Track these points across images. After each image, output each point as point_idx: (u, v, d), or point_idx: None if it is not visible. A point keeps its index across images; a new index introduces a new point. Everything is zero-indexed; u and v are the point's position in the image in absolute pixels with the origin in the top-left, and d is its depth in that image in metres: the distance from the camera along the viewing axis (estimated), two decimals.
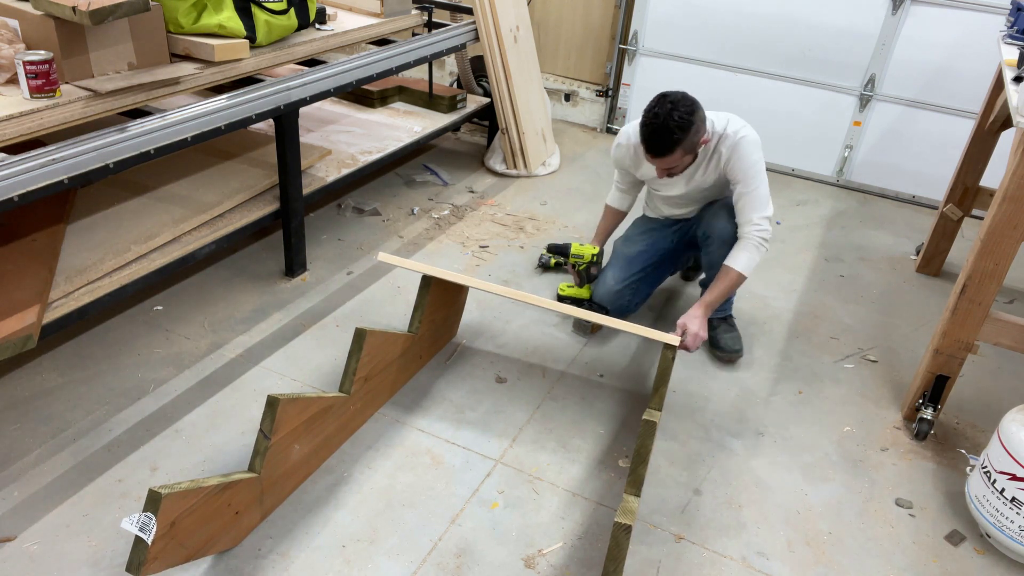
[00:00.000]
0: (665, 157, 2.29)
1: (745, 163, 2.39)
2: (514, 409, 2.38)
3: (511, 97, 3.80)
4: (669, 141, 2.24)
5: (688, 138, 2.25)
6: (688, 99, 2.26)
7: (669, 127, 2.22)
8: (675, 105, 2.22)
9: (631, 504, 1.69)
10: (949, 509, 2.15)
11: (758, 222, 2.40)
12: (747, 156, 2.39)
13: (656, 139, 2.25)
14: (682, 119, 2.22)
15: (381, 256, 2.36)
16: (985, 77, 3.48)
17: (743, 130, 2.41)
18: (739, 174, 2.41)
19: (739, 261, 2.41)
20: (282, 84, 2.57)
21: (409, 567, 1.85)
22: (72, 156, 1.96)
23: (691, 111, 2.24)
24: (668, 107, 2.21)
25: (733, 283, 2.42)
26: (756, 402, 2.51)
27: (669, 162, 2.32)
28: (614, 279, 2.70)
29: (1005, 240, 2.10)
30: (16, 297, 2.07)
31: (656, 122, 2.23)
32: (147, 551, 1.52)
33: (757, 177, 2.40)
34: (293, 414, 1.85)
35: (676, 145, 2.25)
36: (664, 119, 2.21)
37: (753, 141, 2.41)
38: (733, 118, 2.44)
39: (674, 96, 2.24)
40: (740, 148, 2.39)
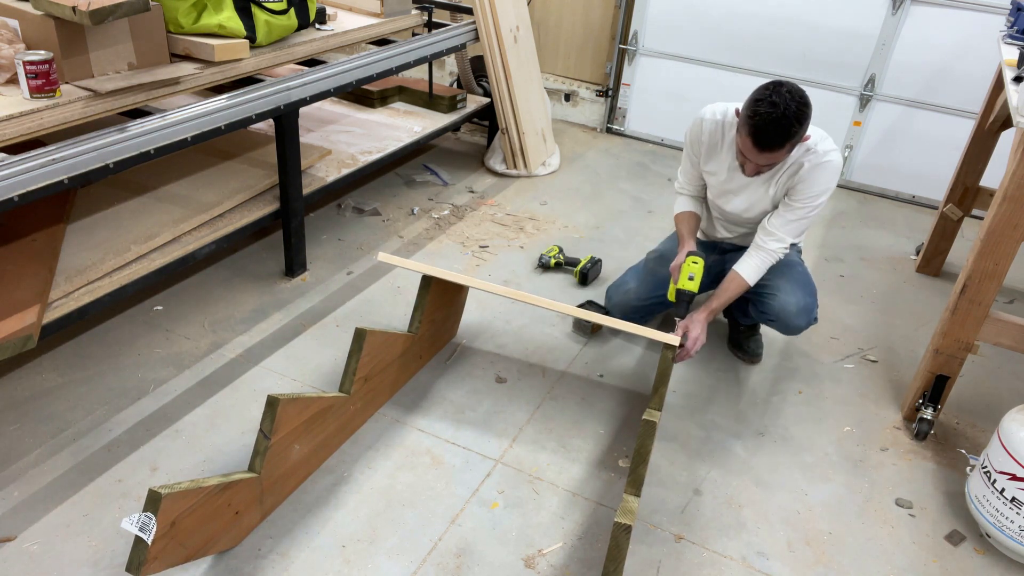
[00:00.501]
0: (774, 152, 2.06)
1: (817, 187, 2.23)
2: (514, 409, 2.38)
3: (511, 97, 3.80)
4: (787, 134, 2.02)
5: (803, 132, 2.06)
6: (800, 88, 2.03)
7: (789, 118, 1.98)
8: (793, 95, 2.00)
9: (631, 504, 1.69)
10: (949, 509, 2.15)
11: (785, 244, 2.30)
12: (822, 181, 2.22)
13: (774, 130, 2.00)
14: (800, 111, 2.00)
15: (381, 256, 2.35)
16: (985, 77, 3.48)
17: (833, 154, 2.22)
18: (803, 194, 2.24)
19: (749, 269, 2.32)
20: (282, 84, 2.57)
21: (409, 567, 1.85)
22: (72, 156, 1.96)
23: (807, 102, 2.03)
24: (787, 96, 1.98)
25: (740, 290, 2.34)
26: (756, 402, 2.51)
27: (775, 158, 2.09)
28: (636, 295, 2.58)
29: (1005, 240, 2.10)
30: (16, 297, 2.07)
31: (775, 112, 1.98)
32: (147, 551, 1.52)
33: (817, 207, 2.26)
34: (293, 414, 1.85)
35: (793, 138, 2.04)
36: (784, 109, 1.97)
37: (837, 168, 2.23)
38: (826, 136, 2.25)
39: (790, 85, 2.02)
40: (821, 170, 2.20)
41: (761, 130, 2.02)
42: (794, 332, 2.47)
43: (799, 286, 2.40)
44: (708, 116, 2.34)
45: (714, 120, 2.33)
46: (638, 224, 3.62)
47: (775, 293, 2.39)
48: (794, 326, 2.42)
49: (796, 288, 2.39)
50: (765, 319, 2.48)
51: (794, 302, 2.38)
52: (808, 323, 2.44)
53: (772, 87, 2.02)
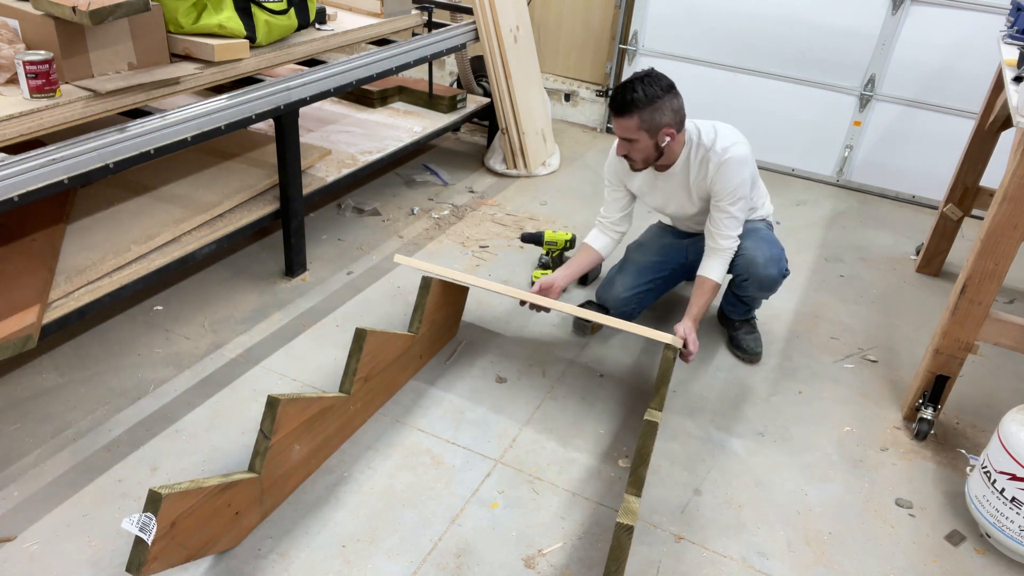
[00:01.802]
0: (622, 118, 2.26)
1: (731, 183, 2.36)
2: (514, 409, 2.38)
3: (511, 97, 3.80)
4: (628, 100, 2.22)
5: (648, 111, 2.23)
6: (666, 81, 2.26)
7: (633, 86, 2.22)
8: (651, 77, 2.24)
9: (632, 505, 1.69)
10: (949, 509, 2.15)
11: (733, 238, 2.43)
12: (733, 177, 2.36)
13: (619, 94, 2.25)
14: (648, 90, 2.21)
15: (398, 258, 2.37)
16: (985, 77, 3.48)
17: (733, 148, 2.35)
18: (723, 192, 2.38)
19: (716, 272, 2.44)
20: (282, 84, 2.57)
21: (409, 567, 1.85)
22: (72, 156, 1.96)
23: (662, 89, 2.24)
24: (643, 75, 2.25)
25: (713, 293, 2.45)
26: (756, 402, 2.51)
27: (626, 129, 2.27)
28: (623, 286, 2.67)
29: (1005, 240, 2.10)
30: (16, 297, 2.07)
31: (625, 81, 2.26)
32: (147, 551, 1.52)
33: (741, 200, 2.39)
34: (293, 414, 1.85)
35: (634, 107, 2.22)
36: (632, 80, 2.23)
37: (741, 159, 2.35)
38: (724, 132, 2.40)
39: (657, 73, 2.27)
40: (727, 167, 2.35)
41: (613, 94, 2.28)
42: (768, 285, 2.54)
43: (763, 241, 2.52)
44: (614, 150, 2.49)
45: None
46: (638, 224, 3.60)
47: (742, 252, 2.51)
48: (765, 276, 2.50)
49: (760, 243, 2.51)
50: (740, 282, 2.57)
51: (760, 254, 2.49)
52: (780, 272, 2.53)
53: (643, 71, 2.28)
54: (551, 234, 2.98)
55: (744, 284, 2.55)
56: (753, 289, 2.55)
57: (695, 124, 2.42)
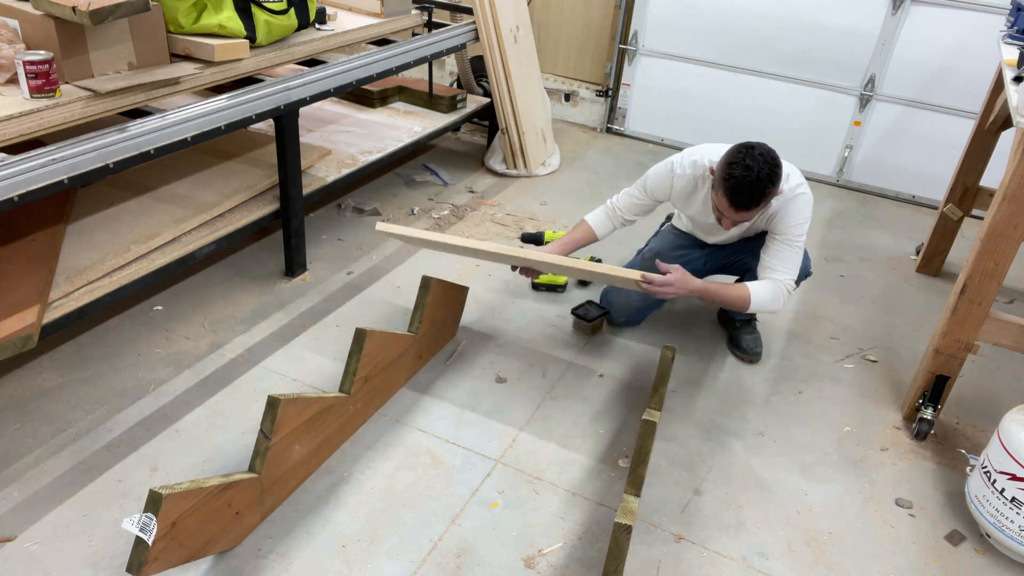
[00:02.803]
0: (750, 211, 2.18)
1: (794, 220, 2.32)
2: (514, 409, 2.38)
3: (511, 97, 3.80)
4: (760, 196, 2.13)
5: (776, 191, 2.18)
6: (771, 150, 2.15)
7: (763, 180, 2.10)
8: (765, 158, 2.11)
9: (631, 504, 1.69)
10: (949, 509, 2.15)
11: (793, 279, 2.36)
12: (798, 214, 2.32)
13: (749, 192, 2.12)
14: (773, 172, 2.12)
15: (380, 227, 2.33)
16: (985, 77, 3.48)
17: (801, 188, 2.33)
18: (785, 230, 2.33)
19: (759, 291, 2.34)
20: (282, 84, 2.57)
21: (409, 567, 1.85)
22: (72, 156, 1.96)
23: (778, 163, 2.15)
24: (759, 159, 2.10)
25: (738, 300, 2.35)
26: (756, 402, 2.51)
27: (750, 216, 2.22)
28: (638, 296, 2.60)
29: (1005, 240, 2.10)
30: (16, 297, 2.07)
31: (749, 176, 2.09)
32: (148, 552, 1.52)
33: (803, 238, 2.35)
34: (293, 414, 1.85)
35: (767, 198, 2.16)
36: (758, 172, 2.09)
37: (808, 201, 2.34)
38: (793, 172, 2.35)
39: (761, 148, 2.13)
40: (793, 206, 2.31)
41: (736, 192, 2.13)
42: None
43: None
44: (679, 171, 2.44)
45: (684, 175, 2.44)
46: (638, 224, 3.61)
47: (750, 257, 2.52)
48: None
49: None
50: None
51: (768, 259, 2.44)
52: (806, 269, 2.54)
53: (745, 151, 2.12)
54: (551, 234, 2.99)
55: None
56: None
57: None
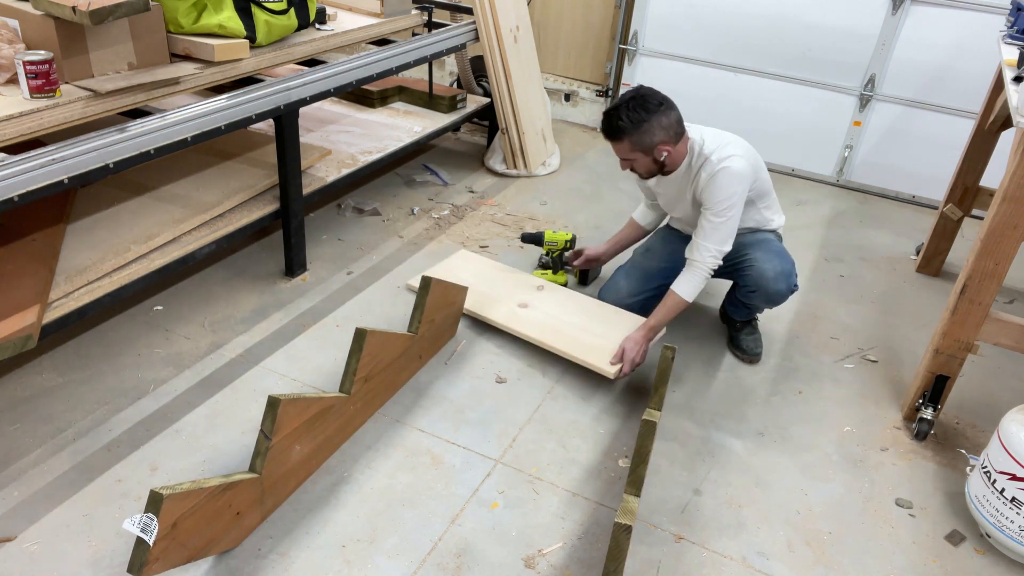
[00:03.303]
0: (614, 143, 2.33)
1: (719, 194, 2.34)
2: (514, 409, 2.38)
3: (511, 97, 3.80)
4: (615, 128, 2.28)
5: (636, 135, 2.28)
6: (656, 99, 2.28)
7: (617, 109, 2.27)
8: (636, 100, 2.26)
9: (631, 504, 1.69)
10: (949, 509, 2.15)
11: (713, 253, 2.39)
12: (722, 188, 2.33)
13: (605, 121, 2.31)
14: (632, 115, 2.25)
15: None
16: (985, 77, 3.48)
17: (730, 160, 2.33)
18: (710, 203, 2.37)
19: (685, 288, 2.43)
20: (282, 84, 2.57)
21: (409, 567, 1.85)
22: (72, 156, 1.96)
23: (648, 111, 2.26)
24: (629, 98, 2.27)
25: (677, 308, 2.45)
26: (756, 402, 2.51)
27: (620, 151, 2.35)
28: (629, 291, 2.69)
29: (1005, 240, 2.10)
30: (16, 297, 2.07)
31: (610, 108, 2.30)
32: (148, 552, 1.52)
33: (728, 212, 2.35)
34: (294, 414, 1.85)
35: (621, 133, 2.28)
36: (617, 107, 2.27)
37: (736, 173, 2.33)
38: (730, 143, 2.38)
39: (646, 91, 2.29)
40: (718, 178, 2.34)
41: (602, 125, 2.36)
42: (776, 299, 2.54)
43: (774, 254, 2.52)
44: None
45: None
46: None
47: (752, 264, 2.51)
48: (774, 291, 2.50)
49: (771, 256, 2.51)
50: (747, 292, 2.56)
51: (770, 268, 2.48)
52: (788, 288, 2.52)
53: (632, 90, 2.31)
54: (551, 234, 2.99)
55: (752, 295, 2.55)
56: (760, 301, 2.56)
57: (702, 133, 2.41)
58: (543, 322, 2.64)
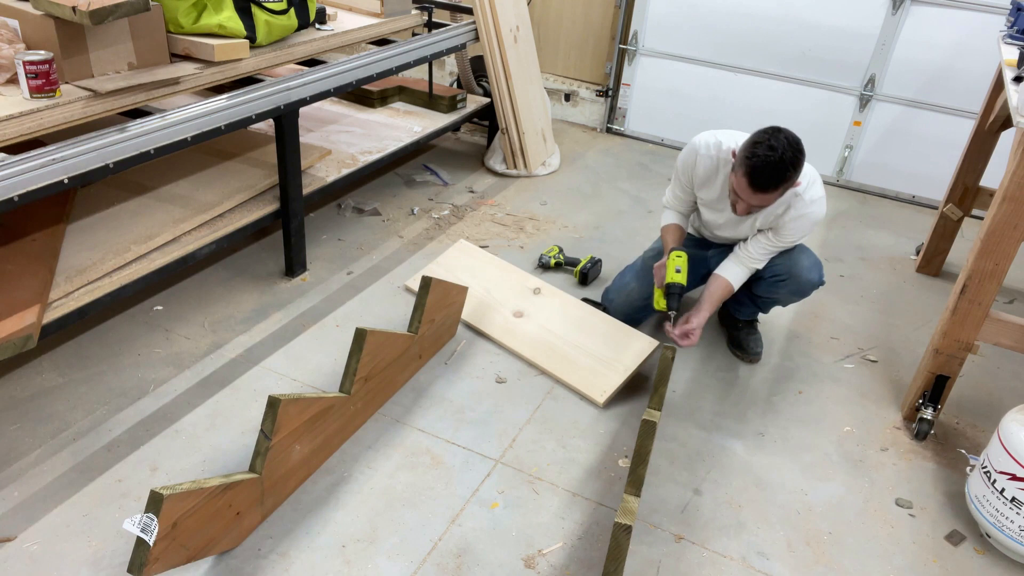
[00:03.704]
0: (768, 194, 2.15)
1: (797, 233, 2.36)
2: (514, 409, 2.38)
3: (511, 97, 3.80)
4: (781, 178, 2.11)
5: (796, 177, 2.15)
6: (797, 136, 2.13)
7: (785, 163, 2.08)
8: (791, 141, 2.09)
9: (631, 504, 1.69)
10: (949, 509, 2.15)
11: (765, 259, 2.44)
12: (804, 229, 2.35)
13: (770, 173, 2.08)
14: (795, 158, 2.10)
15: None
16: (985, 77, 3.48)
17: (819, 203, 2.32)
18: (783, 233, 2.36)
19: (735, 276, 2.44)
20: (282, 84, 2.57)
21: (409, 567, 1.85)
22: (72, 156, 1.96)
23: (802, 151, 2.12)
24: (784, 142, 2.08)
25: (727, 293, 2.45)
26: (756, 402, 2.51)
27: (767, 200, 2.19)
28: (640, 295, 2.65)
29: (1005, 240, 2.10)
30: (16, 297, 2.07)
31: (772, 156, 2.06)
32: (149, 552, 1.52)
33: (789, 245, 2.42)
34: (294, 414, 1.85)
35: (786, 183, 2.13)
36: (782, 154, 2.07)
37: (819, 218, 2.34)
38: (816, 180, 2.33)
39: (787, 132, 2.12)
40: (805, 219, 2.32)
41: (758, 171, 2.10)
42: (805, 289, 2.52)
43: (805, 249, 2.53)
44: (703, 151, 2.42)
45: (708, 156, 2.42)
46: (638, 224, 3.62)
47: (784, 254, 2.49)
48: (806, 280, 2.48)
49: (804, 250, 2.52)
50: (775, 282, 2.52)
51: (804, 257, 2.49)
52: (819, 279, 2.52)
53: (771, 132, 2.11)
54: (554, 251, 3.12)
55: (780, 285, 2.51)
56: (787, 292, 2.51)
57: None
58: (537, 336, 2.63)
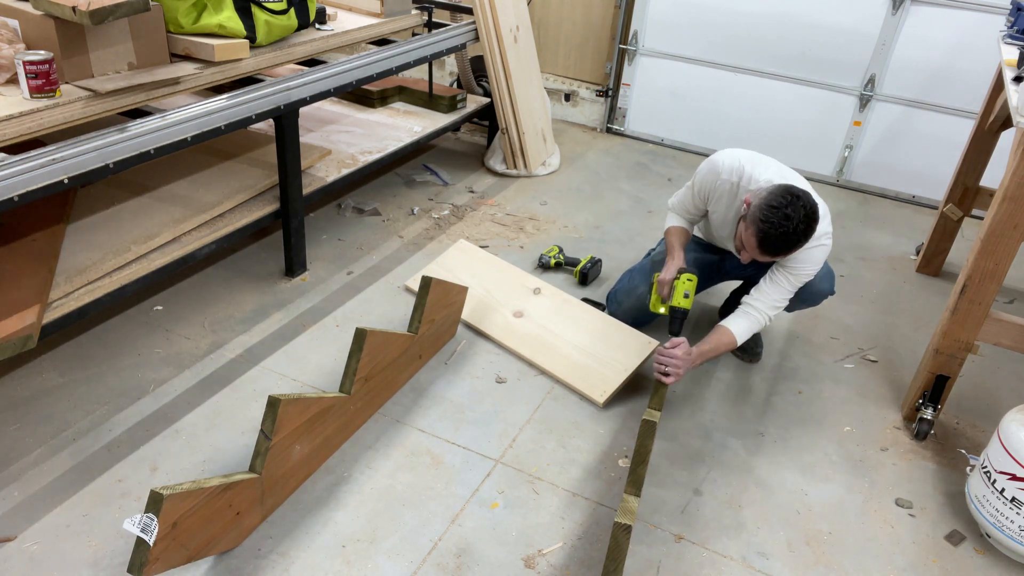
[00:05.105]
0: (775, 257, 2.16)
1: (808, 268, 2.28)
2: (514, 409, 2.38)
3: (511, 97, 3.80)
4: (792, 247, 2.11)
5: (807, 243, 2.14)
6: (814, 203, 2.10)
7: (798, 234, 2.07)
8: (807, 212, 2.06)
9: (631, 504, 1.69)
10: (949, 509, 2.15)
11: (777, 308, 2.34)
12: (813, 262, 2.28)
13: (781, 242, 2.08)
14: (809, 228, 2.08)
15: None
16: (985, 77, 3.48)
17: (825, 238, 2.26)
18: (794, 268, 2.28)
19: (741, 329, 2.34)
20: (282, 84, 2.57)
21: (409, 567, 1.85)
22: (72, 156, 1.96)
23: (816, 218, 2.09)
24: (800, 213, 2.04)
25: (728, 348, 2.36)
26: (756, 402, 2.51)
27: (772, 260, 2.20)
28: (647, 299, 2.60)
29: (1005, 240, 2.10)
30: (16, 297, 2.07)
31: (786, 227, 2.04)
32: (149, 552, 1.52)
33: (802, 280, 2.32)
34: (294, 414, 1.85)
35: (796, 249, 2.13)
36: (795, 226, 2.05)
37: (827, 252, 2.29)
38: (826, 217, 2.25)
39: (805, 199, 2.07)
40: (816, 253, 2.26)
41: (769, 238, 2.08)
42: (816, 298, 2.50)
43: None
44: (724, 176, 2.36)
45: (730, 182, 2.36)
46: (638, 224, 3.62)
47: None
48: (817, 290, 2.46)
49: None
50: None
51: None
52: (830, 288, 2.51)
53: (790, 199, 2.06)
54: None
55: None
56: (796, 298, 2.45)
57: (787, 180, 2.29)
58: (537, 336, 2.62)
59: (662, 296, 2.43)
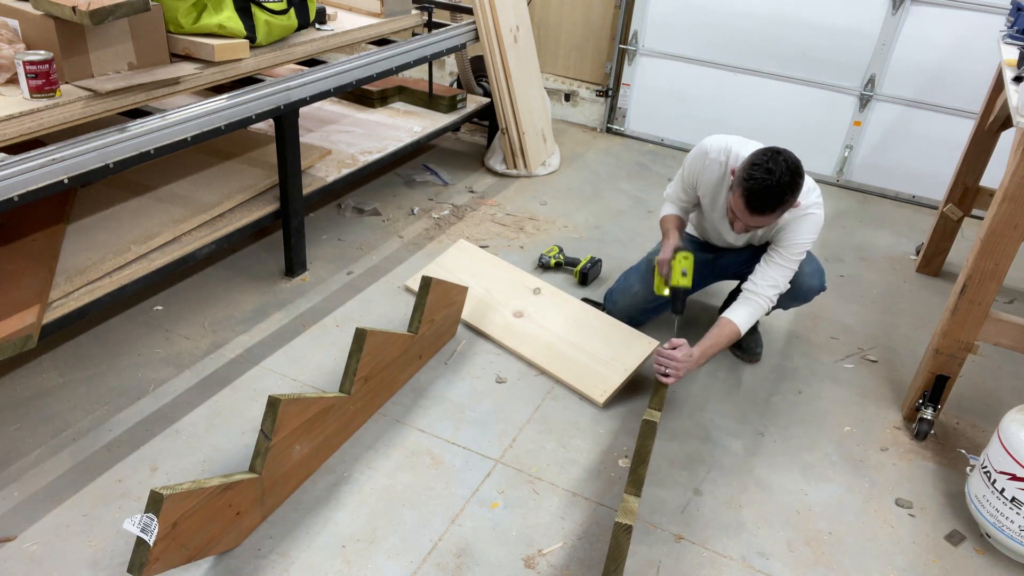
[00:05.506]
0: (765, 216, 2.13)
1: (800, 239, 2.28)
2: (514, 409, 2.38)
3: (511, 97, 3.80)
4: (777, 202, 2.08)
5: (794, 200, 2.13)
6: (796, 158, 2.10)
7: (783, 186, 2.05)
8: (789, 164, 2.06)
9: (631, 504, 1.69)
10: (949, 509, 2.15)
11: (778, 289, 2.33)
12: (805, 233, 2.27)
13: (766, 196, 2.06)
14: (794, 181, 2.07)
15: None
16: (985, 77, 3.48)
17: (814, 207, 2.28)
18: (786, 243, 2.29)
19: (741, 317, 2.32)
20: (282, 84, 2.57)
21: (409, 567, 1.85)
22: (72, 156, 1.96)
23: (801, 173, 2.10)
24: (783, 165, 2.05)
25: (733, 338, 2.33)
26: (756, 402, 2.51)
27: (764, 221, 2.17)
28: (644, 298, 2.62)
29: (1005, 240, 2.10)
30: (16, 297, 2.07)
31: (769, 180, 2.04)
32: (149, 552, 1.52)
33: (800, 256, 2.32)
34: (294, 414, 1.85)
35: (784, 206, 2.11)
36: (779, 178, 2.04)
37: (818, 221, 2.29)
38: (813, 188, 2.29)
39: (787, 155, 2.08)
40: (804, 223, 2.27)
41: (754, 194, 2.08)
42: (807, 295, 2.51)
43: (809, 257, 2.47)
44: (713, 155, 2.36)
45: (718, 162, 2.36)
46: (638, 224, 3.62)
47: None
48: (807, 287, 2.47)
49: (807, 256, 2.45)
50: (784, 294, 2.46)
51: (806, 264, 2.45)
52: (820, 285, 2.51)
53: (770, 154, 2.08)
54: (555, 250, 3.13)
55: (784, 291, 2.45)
56: (788, 297, 2.47)
57: None
58: (537, 336, 2.63)
59: (663, 276, 2.43)
